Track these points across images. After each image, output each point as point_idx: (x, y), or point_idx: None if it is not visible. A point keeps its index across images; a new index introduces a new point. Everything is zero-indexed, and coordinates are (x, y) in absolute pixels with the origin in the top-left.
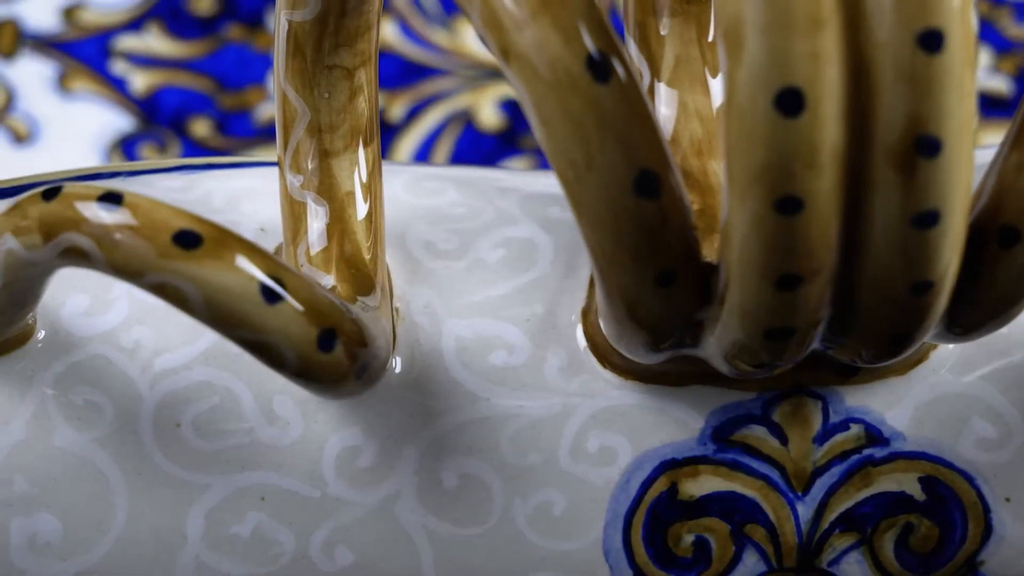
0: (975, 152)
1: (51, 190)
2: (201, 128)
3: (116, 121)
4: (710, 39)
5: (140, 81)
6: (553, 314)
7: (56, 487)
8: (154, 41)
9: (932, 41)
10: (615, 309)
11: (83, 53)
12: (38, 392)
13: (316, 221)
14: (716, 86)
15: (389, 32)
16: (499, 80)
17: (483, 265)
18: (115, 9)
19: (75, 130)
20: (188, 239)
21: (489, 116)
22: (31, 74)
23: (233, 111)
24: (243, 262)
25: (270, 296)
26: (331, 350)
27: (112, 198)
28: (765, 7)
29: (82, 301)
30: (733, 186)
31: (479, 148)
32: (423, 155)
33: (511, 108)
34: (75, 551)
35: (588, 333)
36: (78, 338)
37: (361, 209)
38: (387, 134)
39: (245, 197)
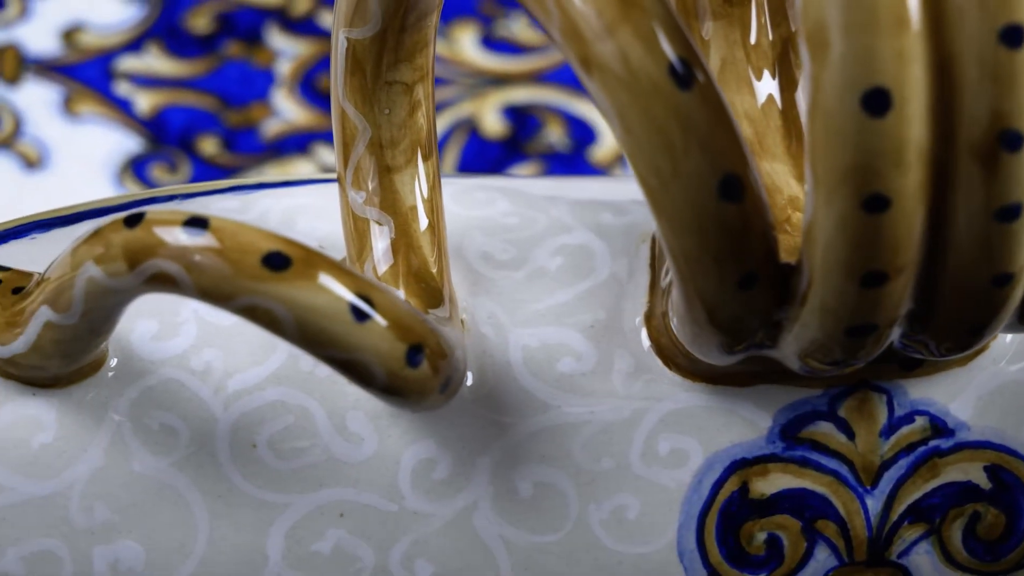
0: None
1: (133, 216)
2: (209, 146)
3: (125, 142)
4: (752, 40)
5: (145, 101)
6: (616, 319)
7: (137, 512)
8: (155, 61)
9: (1014, 36)
10: (695, 312)
11: (86, 76)
12: (114, 418)
13: (381, 237)
14: (761, 87)
15: None
16: (499, 87)
17: (543, 274)
18: (114, 30)
19: (85, 153)
20: (277, 261)
21: (492, 123)
22: (36, 99)
23: (239, 128)
24: (332, 282)
25: (359, 315)
26: (418, 365)
27: (198, 222)
28: (849, 8)
29: (151, 326)
30: (819, 187)
31: (485, 156)
32: None
33: (513, 115)
34: None
35: (653, 337)
36: (149, 363)
37: (424, 223)
38: None
39: (301, 214)
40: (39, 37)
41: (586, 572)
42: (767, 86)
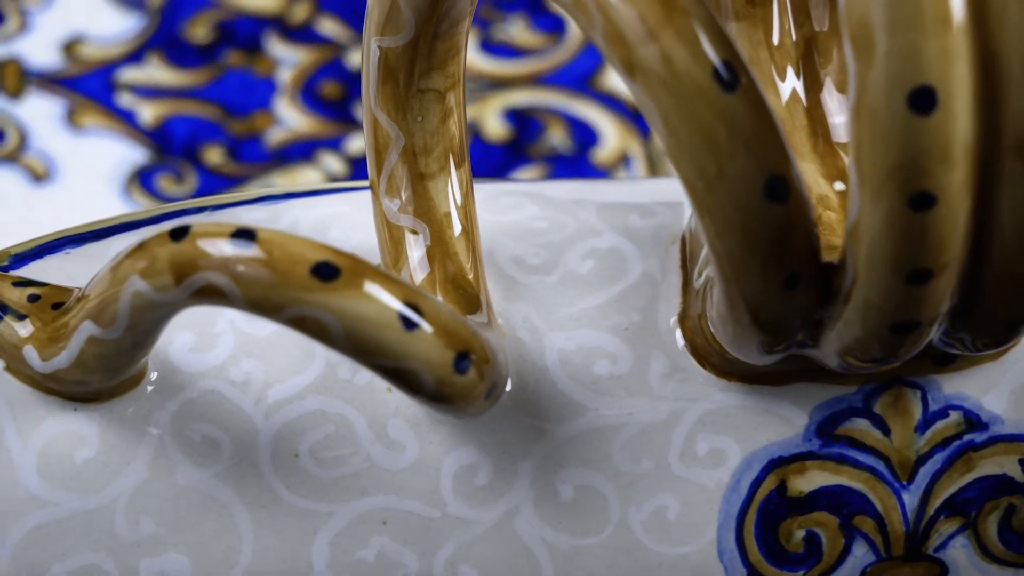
0: None
1: (179, 230)
2: (214, 156)
3: (130, 154)
4: (776, 41)
5: (148, 112)
6: (650, 321)
7: (182, 525)
8: (156, 72)
9: None
10: (738, 313)
11: (88, 88)
12: (156, 432)
13: (416, 245)
14: (785, 87)
15: None
16: (500, 90)
17: (575, 277)
18: (114, 42)
19: (91, 165)
20: (326, 271)
21: (495, 127)
22: (40, 112)
23: (243, 137)
24: (380, 291)
25: (408, 323)
26: (465, 371)
27: (246, 234)
28: (894, 8)
29: (188, 338)
30: (864, 185)
31: (489, 160)
32: None
33: (515, 118)
34: None
35: (687, 337)
36: (189, 375)
37: (458, 229)
38: None
39: (332, 224)
40: (40, 50)
41: (628, 574)
42: (791, 86)
